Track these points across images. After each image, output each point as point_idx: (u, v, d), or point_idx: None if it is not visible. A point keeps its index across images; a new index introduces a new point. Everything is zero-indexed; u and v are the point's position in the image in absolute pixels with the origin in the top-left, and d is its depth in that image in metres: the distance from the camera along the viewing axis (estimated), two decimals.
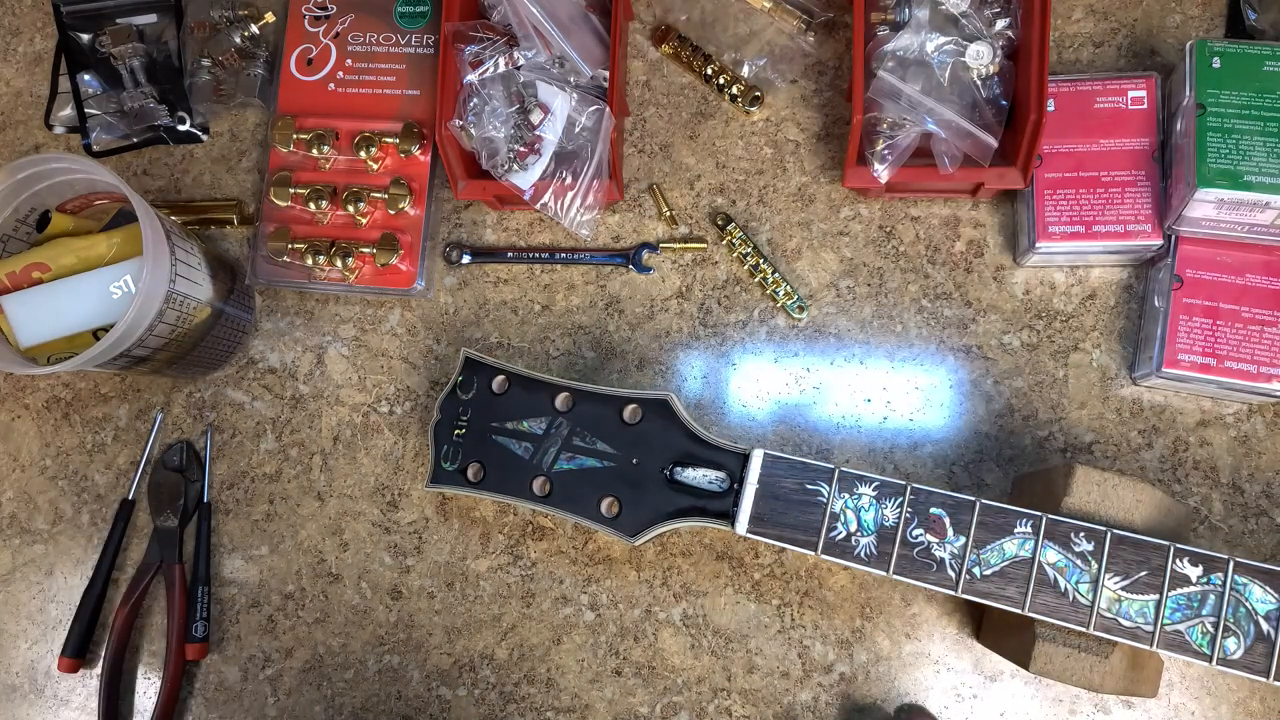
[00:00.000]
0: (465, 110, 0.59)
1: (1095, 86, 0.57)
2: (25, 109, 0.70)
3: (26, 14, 0.72)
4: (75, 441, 0.65)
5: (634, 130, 0.64)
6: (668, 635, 0.58)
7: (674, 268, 0.62)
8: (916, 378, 0.59)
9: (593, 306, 0.62)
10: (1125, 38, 0.61)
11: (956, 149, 0.55)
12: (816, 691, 0.56)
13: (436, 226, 0.65)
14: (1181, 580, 0.44)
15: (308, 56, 0.67)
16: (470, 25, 0.60)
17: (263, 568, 0.62)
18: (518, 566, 0.60)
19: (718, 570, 0.58)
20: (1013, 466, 0.57)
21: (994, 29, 0.56)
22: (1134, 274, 0.59)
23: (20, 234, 0.59)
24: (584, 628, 0.59)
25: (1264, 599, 0.43)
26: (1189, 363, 0.53)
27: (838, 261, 0.61)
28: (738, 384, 0.60)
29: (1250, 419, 0.56)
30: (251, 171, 0.67)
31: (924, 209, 0.61)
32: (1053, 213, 0.56)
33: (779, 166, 0.62)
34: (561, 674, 0.58)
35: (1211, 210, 0.52)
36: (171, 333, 0.56)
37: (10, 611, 0.63)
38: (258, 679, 0.60)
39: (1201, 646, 0.43)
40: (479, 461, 0.53)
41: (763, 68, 0.62)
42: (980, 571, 0.45)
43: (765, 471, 0.48)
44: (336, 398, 0.63)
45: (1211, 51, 0.52)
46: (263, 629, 0.61)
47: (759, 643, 0.57)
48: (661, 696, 0.57)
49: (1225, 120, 0.51)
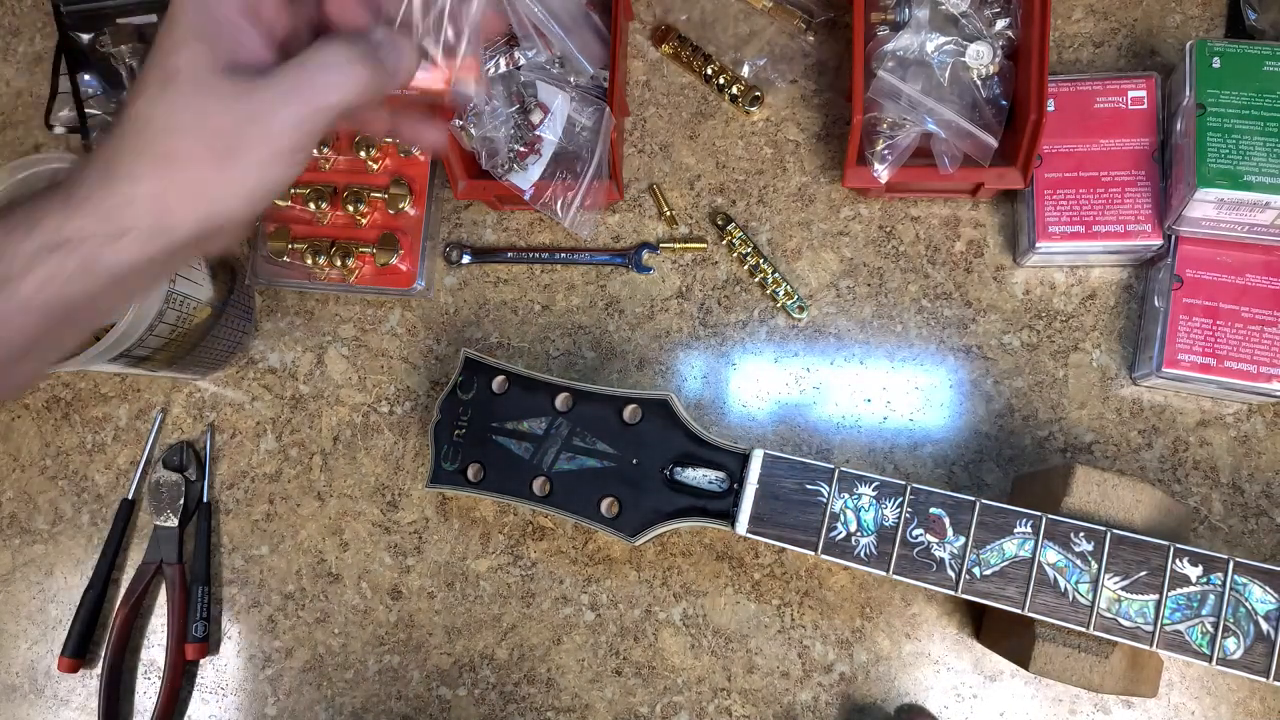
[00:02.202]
0: (465, 110, 0.59)
1: (1095, 86, 0.57)
2: (25, 109, 0.70)
3: (26, 14, 0.72)
4: (75, 441, 0.65)
5: (634, 130, 0.64)
6: (668, 635, 0.58)
7: (674, 268, 0.62)
8: (916, 378, 0.59)
9: (593, 306, 0.62)
10: (1125, 38, 0.61)
11: (956, 149, 0.55)
12: (816, 691, 0.56)
13: (436, 226, 0.65)
14: (1181, 580, 0.44)
15: None
16: None
17: (263, 568, 0.62)
18: (518, 566, 0.60)
19: (718, 570, 0.58)
20: (1013, 466, 0.57)
21: (994, 29, 0.56)
22: (1134, 274, 0.59)
23: None
24: (584, 628, 0.59)
25: (1264, 599, 0.43)
26: (1189, 363, 0.53)
27: (838, 261, 0.61)
28: (738, 384, 0.60)
29: (1250, 419, 0.56)
30: None
31: (924, 209, 0.61)
32: (1053, 213, 0.56)
33: (779, 166, 0.62)
34: (562, 674, 0.58)
35: (1211, 210, 0.52)
36: (171, 333, 0.56)
37: (10, 611, 0.63)
38: (258, 679, 0.60)
39: (1201, 646, 0.43)
40: (479, 461, 0.53)
41: (763, 68, 0.62)
42: (980, 571, 0.45)
43: (765, 471, 0.48)
44: (336, 398, 0.63)
45: (1211, 51, 0.52)
46: (263, 629, 0.61)
47: (759, 642, 0.57)
48: (661, 696, 0.57)
49: (1225, 120, 0.51)
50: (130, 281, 0.35)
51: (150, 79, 0.34)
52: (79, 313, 0.35)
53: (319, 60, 0.35)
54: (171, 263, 0.36)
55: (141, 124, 0.34)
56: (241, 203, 0.35)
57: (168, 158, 0.34)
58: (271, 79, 0.34)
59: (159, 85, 0.34)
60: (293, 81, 0.34)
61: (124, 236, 0.34)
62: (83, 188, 0.34)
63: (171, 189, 0.34)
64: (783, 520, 0.48)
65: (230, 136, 0.33)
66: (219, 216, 0.35)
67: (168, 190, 0.34)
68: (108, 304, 0.36)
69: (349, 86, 0.35)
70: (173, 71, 0.34)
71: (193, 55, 0.34)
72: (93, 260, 0.33)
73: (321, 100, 0.34)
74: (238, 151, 0.34)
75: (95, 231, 0.33)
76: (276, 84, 0.34)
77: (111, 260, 0.34)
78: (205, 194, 0.34)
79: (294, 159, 0.35)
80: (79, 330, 0.37)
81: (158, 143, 0.34)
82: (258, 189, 0.35)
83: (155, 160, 0.34)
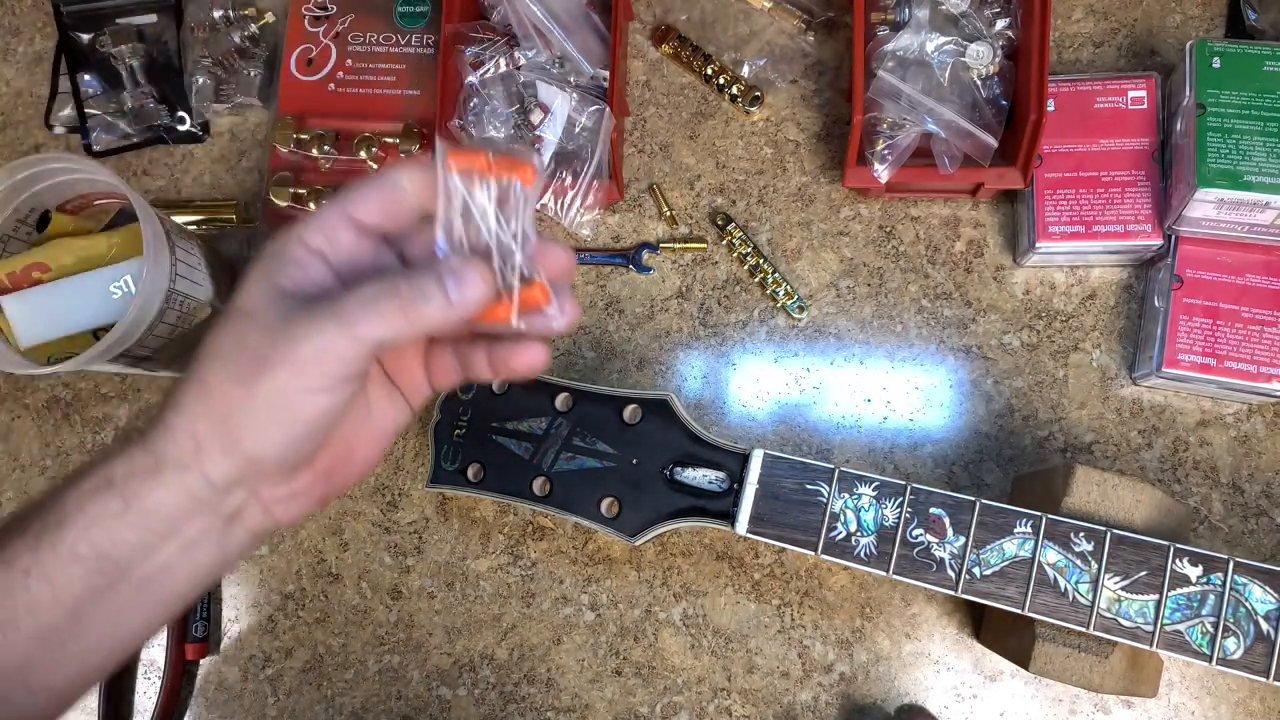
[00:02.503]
0: (465, 110, 0.59)
1: (1095, 86, 0.57)
2: (25, 109, 0.70)
3: (26, 14, 0.72)
4: (75, 442, 0.65)
5: (634, 130, 0.64)
6: (668, 635, 0.58)
7: (674, 268, 0.62)
8: (916, 378, 0.59)
9: (593, 306, 0.62)
10: (1125, 38, 0.61)
11: (956, 149, 0.55)
12: (816, 691, 0.56)
13: None
14: (1181, 580, 0.44)
15: (308, 57, 0.67)
16: (470, 26, 0.60)
17: (262, 567, 0.62)
18: (518, 566, 0.60)
19: (718, 570, 0.58)
20: (1013, 466, 0.57)
21: (994, 29, 0.56)
22: (1134, 274, 0.59)
23: (20, 234, 0.59)
24: (584, 628, 0.59)
25: (1264, 599, 0.43)
26: (1189, 363, 0.53)
27: (838, 261, 0.61)
28: (738, 384, 0.60)
29: (1250, 419, 0.56)
30: (251, 171, 0.67)
31: (924, 209, 0.61)
32: (1053, 213, 0.56)
33: (779, 166, 0.62)
34: (562, 674, 0.58)
35: (1211, 210, 0.52)
36: (172, 333, 0.56)
37: None
38: (258, 679, 0.60)
39: (1201, 646, 0.43)
40: (479, 461, 0.53)
41: (763, 68, 0.62)
42: (980, 571, 0.45)
43: (765, 471, 0.48)
44: None
45: (1211, 51, 0.52)
46: (263, 629, 0.61)
47: (759, 642, 0.57)
48: (661, 696, 0.57)
49: (1225, 120, 0.51)
50: (182, 530, 0.33)
51: (222, 316, 0.34)
52: (132, 570, 0.33)
53: (357, 293, 0.33)
54: (223, 526, 0.34)
55: (197, 357, 0.33)
56: (270, 439, 0.33)
57: (202, 383, 0.33)
58: (312, 307, 0.33)
59: (224, 319, 0.34)
60: (329, 310, 0.33)
61: (162, 470, 0.32)
62: (152, 417, 0.33)
63: (202, 418, 0.32)
64: (783, 520, 0.48)
65: (258, 360, 0.32)
66: (247, 453, 0.33)
67: (198, 419, 0.32)
68: (160, 562, 0.33)
69: (379, 322, 0.33)
70: (237, 306, 0.33)
71: (258, 290, 0.33)
72: (134, 497, 0.32)
73: (352, 331, 0.32)
74: (262, 374, 0.32)
75: (139, 465, 0.32)
76: (314, 312, 0.33)
77: (151, 500, 0.32)
78: (231, 424, 0.32)
79: (323, 394, 0.33)
80: (141, 602, 0.34)
81: (199, 369, 0.33)
82: (285, 419, 0.33)
83: (192, 386, 0.33)
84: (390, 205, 0.35)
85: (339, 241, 0.35)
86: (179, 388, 0.34)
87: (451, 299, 0.33)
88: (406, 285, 0.33)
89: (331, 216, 0.35)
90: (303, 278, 0.34)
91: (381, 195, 0.35)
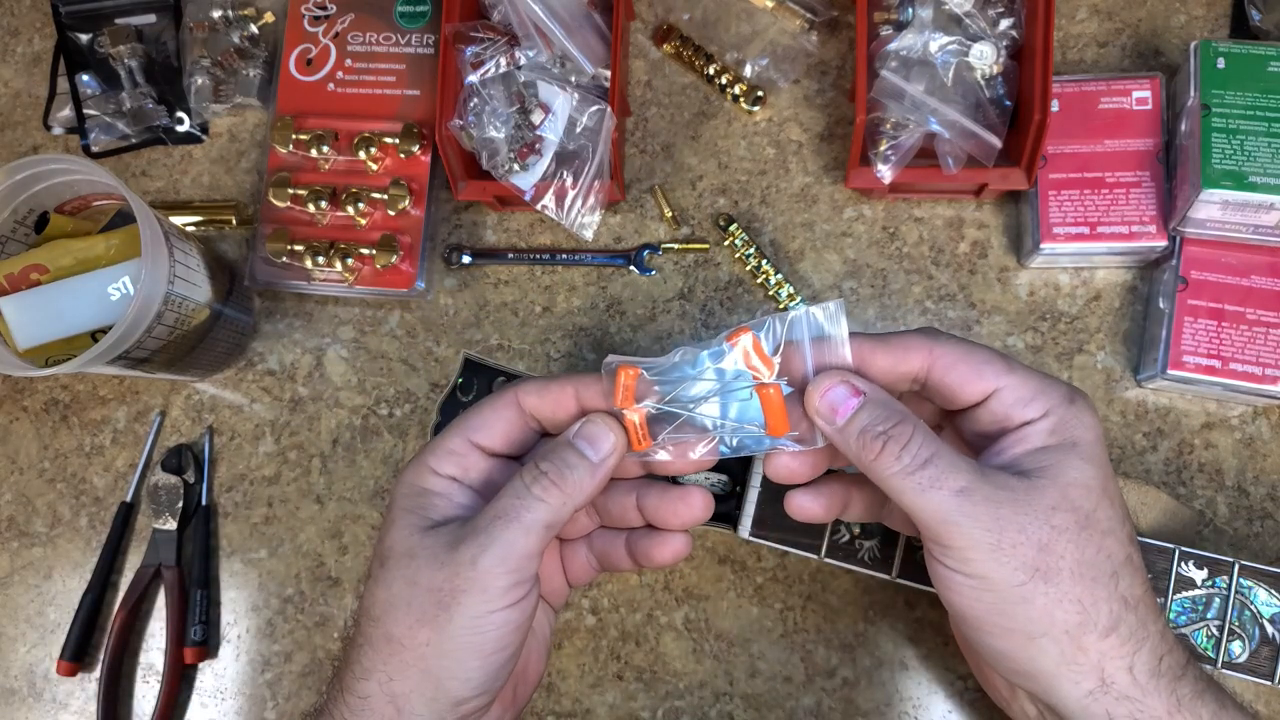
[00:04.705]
0: (465, 110, 0.59)
1: (1099, 87, 0.56)
2: (24, 110, 0.70)
3: (25, 14, 0.72)
4: (74, 444, 0.65)
5: (635, 130, 0.64)
6: (670, 639, 0.58)
7: (676, 269, 0.62)
8: None
9: (594, 308, 0.62)
10: (1129, 38, 0.61)
11: (960, 149, 0.55)
12: (819, 696, 0.56)
13: (436, 227, 0.64)
14: (1186, 583, 0.44)
15: (307, 56, 0.66)
16: (470, 25, 0.60)
17: (261, 571, 0.61)
18: None
19: (720, 574, 0.58)
20: None
21: (998, 29, 0.55)
22: (1139, 275, 0.58)
23: (18, 235, 0.59)
24: (585, 631, 0.58)
25: (1269, 602, 0.43)
26: (1194, 365, 0.53)
27: (841, 263, 0.61)
28: None
29: (1255, 421, 0.56)
30: (251, 172, 0.67)
31: (928, 210, 0.60)
32: (1057, 214, 0.55)
33: (782, 167, 0.62)
34: (562, 678, 0.58)
35: (1216, 211, 0.51)
36: (170, 334, 0.56)
37: (9, 615, 0.63)
38: (257, 683, 0.60)
39: (1206, 650, 0.43)
40: None
41: (765, 67, 0.62)
42: None
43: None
44: (336, 400, 0.63)
45: (1216, 52, 0.52)
46: (262, 633, 0.61)
47: (761, 647, 0.57)
48: (663, 701, 0.57)
49: (1230, 121, 0.51)
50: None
51: (373, 566, 0.35)
52: None
53: (508, 491, 0.35)
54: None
55: (367, 612, 0.34)
56: (471, 673, 0.33)
57: (389, 639, 0.33)
58: (472, 524, 0.34)
59: (378, 566, 0.34)
60: (490, 517, 0.34)
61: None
62: (336, 690, 0.33)
63: (397, 675, 0.33)
64: (786, 524, 0.47)
65: (440, 595, 0.33)
66: (451, 696, 0.33)
67: (393, 678, 0.33)
68: None
69: (541, 506, 0.34)
70: (387, 551, 0.34)
71: (407, 529, 0.34)
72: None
73: (522, 523, 0.34)
74: (449, 608, 0.33)
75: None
76: (477, 527, 0.34)
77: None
78: (430, 670, 0.32)
79: (512, 610, 0.34)
80: None
81: (380, 626, 0.33)
82: (481, 648, 0.33)
83: (379, 647, 0.33)
84: (511, 430, 0.38)
85: (469, 466, 0.37)
86: (357, 652, 0.34)
87: (591, 459, 0.35)
88: (547, 464, 0.35)
89: (457, 444, 0.37)
90: (448, 506, 0.36)
91: (504, 420, 0.37)
